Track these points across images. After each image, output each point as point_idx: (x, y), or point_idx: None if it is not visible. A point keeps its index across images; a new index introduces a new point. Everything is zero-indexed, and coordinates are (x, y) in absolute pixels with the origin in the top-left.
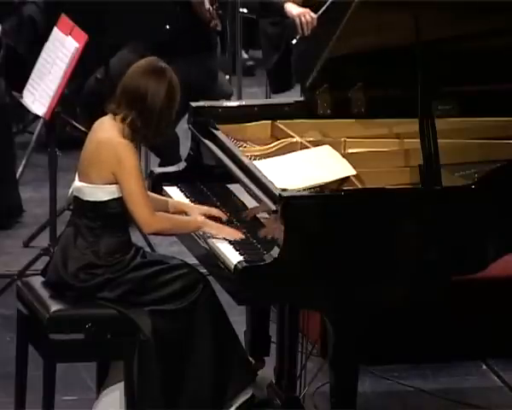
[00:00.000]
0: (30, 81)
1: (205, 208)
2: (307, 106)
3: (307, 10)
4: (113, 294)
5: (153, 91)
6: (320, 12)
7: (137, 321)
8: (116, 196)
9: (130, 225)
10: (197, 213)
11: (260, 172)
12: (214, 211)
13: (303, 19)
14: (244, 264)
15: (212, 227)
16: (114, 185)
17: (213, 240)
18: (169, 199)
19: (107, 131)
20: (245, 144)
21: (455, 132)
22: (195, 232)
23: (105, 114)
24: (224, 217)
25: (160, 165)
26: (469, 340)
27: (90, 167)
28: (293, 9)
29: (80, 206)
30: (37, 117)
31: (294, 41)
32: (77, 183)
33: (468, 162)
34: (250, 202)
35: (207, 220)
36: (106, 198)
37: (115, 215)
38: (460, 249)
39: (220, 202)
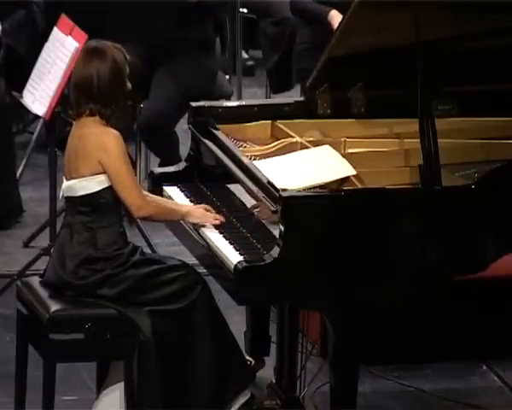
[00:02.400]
0: (30, 81)
1: (193, 207)
2: (307, 106)
3: None
4: (113, 291)
5: (97, 71)
6: None
7: (137, 321)
8: (106, 185)
9: (127, 221)
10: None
11: (260, 172)
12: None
13: None
14: (244, 264)
15: (196, 217)
16: (103, 175)
17: (213, 240)
18: (161, 198)
19: (86, 125)
20: (245, 144)
21: (455, 132)
22: (189, 227)
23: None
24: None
25: (160, 165)
26: (469, 340)
27: (77, 161)
28: (335, 23)
29: (72, 204)
30: (37, 117)
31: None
32: (65, 183)
33: (468, 162)
34: (250, 202)
35: (192, 210)
36: (97, 189)
37: (108, 205)
38: (460, 249)
39: (220, 202)
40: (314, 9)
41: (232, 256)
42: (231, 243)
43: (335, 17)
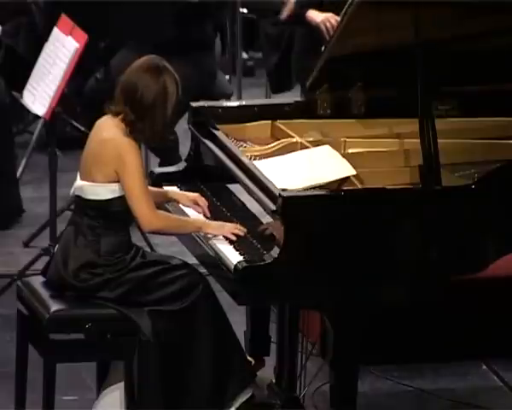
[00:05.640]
0: (30, 81)
1: (193, 195)
2: (307, 106)
3: (330, 15)
4: (114, 294)
5: (144, 86)
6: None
7: (138, 321)
8: (118, 194)
9: (131, 224)
10: (185, 200)
11: (260, 172)
12: (202, 200)
13: (328, 24)
14: (244, 264)
15: (213, 228)
16: (117, 184)
17: (213, 240)
18: (159, 189)
19: (109, 130)
20: (245, 144)
21: (455, 132)
22: (196, 233)
23: (105, 114)
24: (206, 204)
25: (160, 165)
26: (469, 340)
27: (93, 166)
28: (315, 17)
29: (82, 205)
30: (37, 117)
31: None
32: (79, 182)
33: (468, 162)
34: (250, 202)
35: (208, 222)
36: (108, 197)
37: (117, 214)
38: (460, 249)
39: (220, 202)
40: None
41: (232, 256)
42: (231, 243)
43: (311, 14)
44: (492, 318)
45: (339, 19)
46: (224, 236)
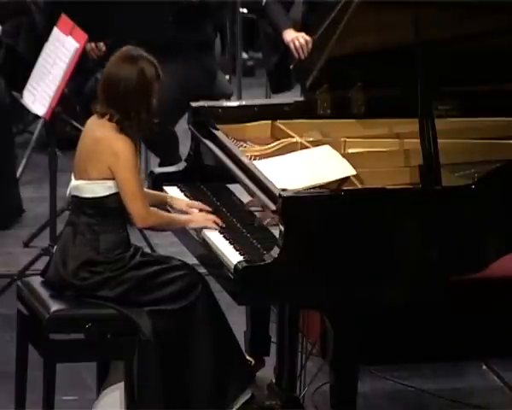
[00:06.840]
0: (30, 81)
1: (189, 202)
2: (307, 106)
3: (301, 34)
4: (113, 292)
5: (124, 77)
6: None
7: (137, 321)
8: (114, 191)
9: (129, 223)
10: (182, 206)
11: (260, 172)
12: (196, 204)
13: (297, 43)
14: (244, 264)
15: (199, 221)
16: (112, 180)
17: (213, 240)
18: (156, 192)
19: (102, 128)
20: (245, 144)
21: (455, 132)
22: (190, 229)
23: None
24: (207, 208)
25: (160, 165)
26: (469, 340)
27: (88, 164)
28: (287, 35)
29: (78, 204)
30: (37, 117)
31: (291, 66)
32: (74, 182)
33: (468, 162)
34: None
35: (192, 216)
36: (104, 193)
37: (114, 211)
38: (460, 249)
39: (220, 202)
40: (275, 19)
41: (232, 256)
42: (231, 243)
43: (285, 34)
44: (492, 318)
45: (308, 38)
46: (220, 232)
